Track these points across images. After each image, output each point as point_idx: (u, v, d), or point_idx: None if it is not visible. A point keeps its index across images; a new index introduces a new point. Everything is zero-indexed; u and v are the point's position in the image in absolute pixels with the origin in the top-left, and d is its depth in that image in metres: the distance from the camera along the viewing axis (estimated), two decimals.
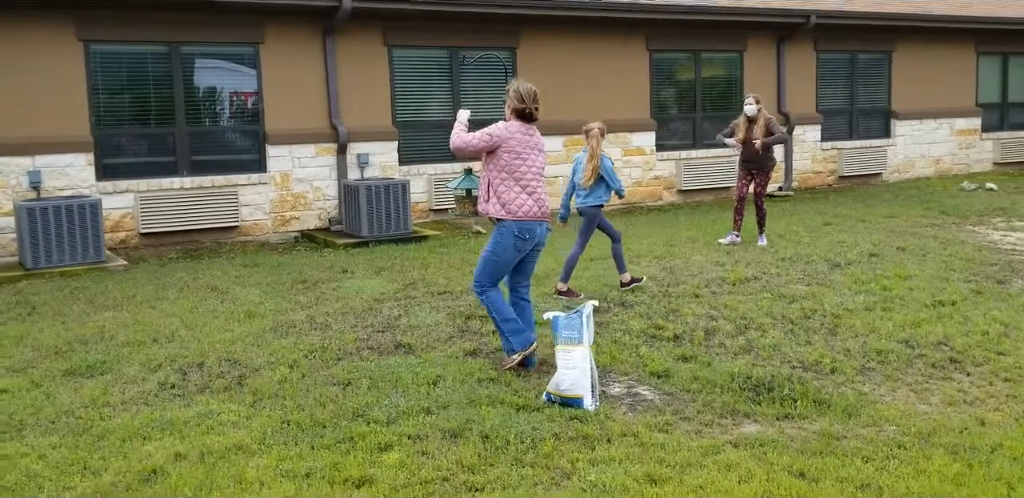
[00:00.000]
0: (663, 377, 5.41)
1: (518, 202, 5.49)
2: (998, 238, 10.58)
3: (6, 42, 9.64)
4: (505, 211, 5.51)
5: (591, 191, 7.81)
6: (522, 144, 5.48)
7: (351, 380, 5.43)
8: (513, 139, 5.47)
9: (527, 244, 5.57)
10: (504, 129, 5.51)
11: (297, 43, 11.06)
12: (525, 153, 5.49)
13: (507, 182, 5.51)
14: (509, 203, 5.49)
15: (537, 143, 5.62)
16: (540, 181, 5.63)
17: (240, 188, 10.75)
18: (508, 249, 5.54)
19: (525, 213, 5.50)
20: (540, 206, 5.58)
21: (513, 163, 5.48)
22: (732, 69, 14.59)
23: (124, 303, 7.65)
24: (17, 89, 9.71)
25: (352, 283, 8.29)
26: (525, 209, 5.51)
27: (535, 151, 5.58)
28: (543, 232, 5.67)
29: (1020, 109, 18.35)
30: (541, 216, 5.60)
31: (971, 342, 6.09)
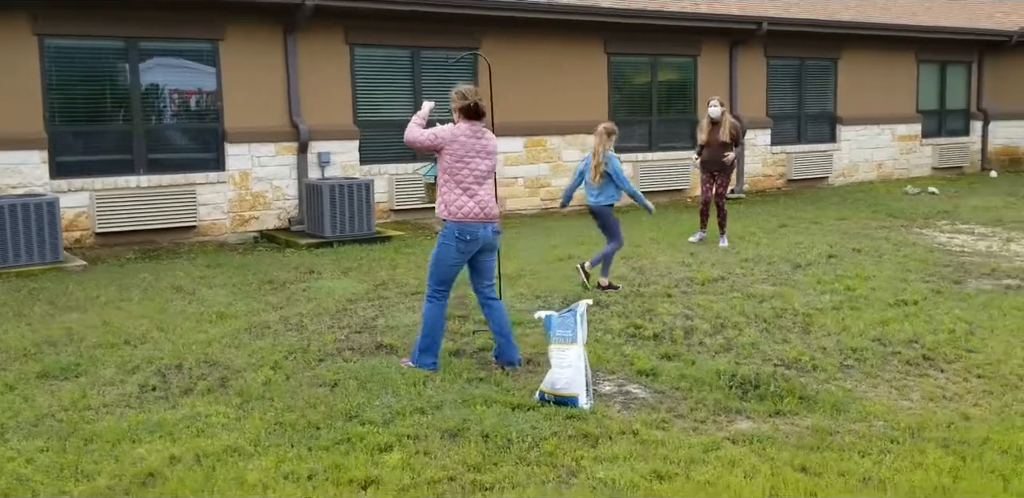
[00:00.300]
0: (651, 375, 5.46)
1: (458, 203, 5.51)
2: (945, 240, 10.91)
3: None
4: (447, 212, 5.55)
5: (601, 190, 7.98)
6: (465, 147, 5.49)
7: (338, 381, 5.37)
8: (456, 143, 5.48)
9: (470, 246, 5.56)
10: (449, 132, 5.52)
11: (258, 40, 10.89)
12: (468, 157, 5.50)
13: (448, 184, 5.54)
14: (450, 204, 5.52)
15: (485, 146, 5.58)
16: (484, 184, 5.59)
17: (198, 187, 10.54)
18: (451, 251, 5.56)
19: (465, 214, 5.51)
20: (482, 208, 5.56)
21: (454, 166, 5.49)
22: (687, 73, 14.80)
23: (88, 304, 7.45)
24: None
25: (321, 284, 8.20)
26: (465, 210, 5.51)
27: (480, 154, 5.56)
28: (487, 234, 5.63)
29: (957, 116, 18.96)
30: (484, 218, 5.57)
31: (940, 340, 6.27)
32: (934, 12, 18.68)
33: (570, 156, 13.53)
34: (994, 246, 10.43)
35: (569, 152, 13.53)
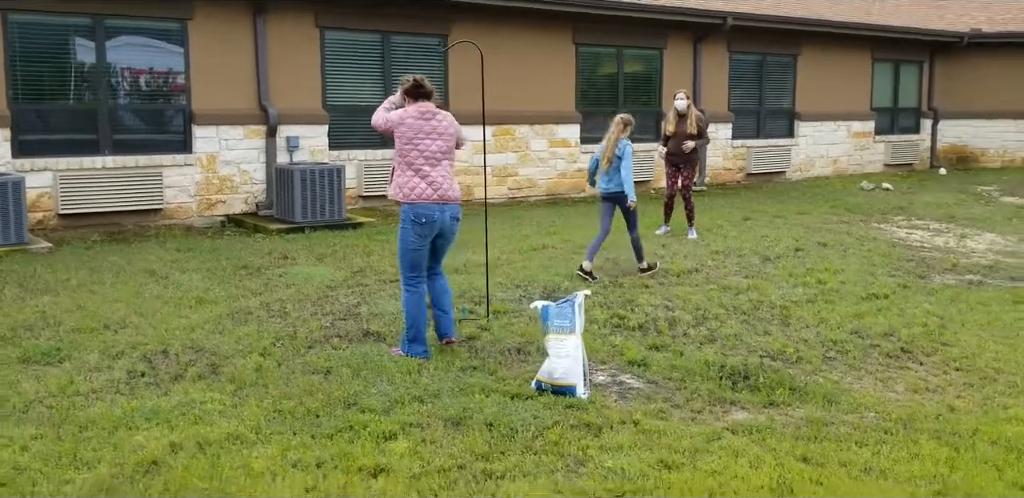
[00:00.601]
0: (642, 366, 5.53)
1: (410, 185, 5.51)
2: (904, 235, 11.19)
3: None
4: (401, 194, 5.55)
5: (611, 177, 8.15)
6: (413, 129, 5.48)
7: (330, 368, 5.33)
8: (403, 125, 5.50)
9: (426, 229, 5.54)
10: (398, 115, 5.56)
11: (227, 21, 10.68)
12: (416, 138, 5.50)
13: (401, 166, 5.55)
14: (403, 186, 5.54)
15: (435, 127, 5.55)
16: (436, 166, 5.56)
17: (165, 169, 10.33)
18: (409, 234, 5.55)
19: (418, 196, 5.51)
20: (436, 190, 5.54)
21: (404, 148, 5.51)
22: (652, 65, 14.90)
23: (59, 287, 7.27)
24: None
25: (298, 270, 8.11)
26: (418, 192, 5.51)
27: (431, 135, 5.53)
28: (443, 218, 5.59)
29: (909, 114, 19.42)
30: (438, 199, 5.55)
31: (915, 333, 6.43)
32: (888, 11, 19.05)
33: (538, 145, 13.56)
34: (951, 242, 10.73)
35: (537, 141, 13.55)
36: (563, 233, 10.46)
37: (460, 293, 7.31)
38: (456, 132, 5.69)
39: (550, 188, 13.82)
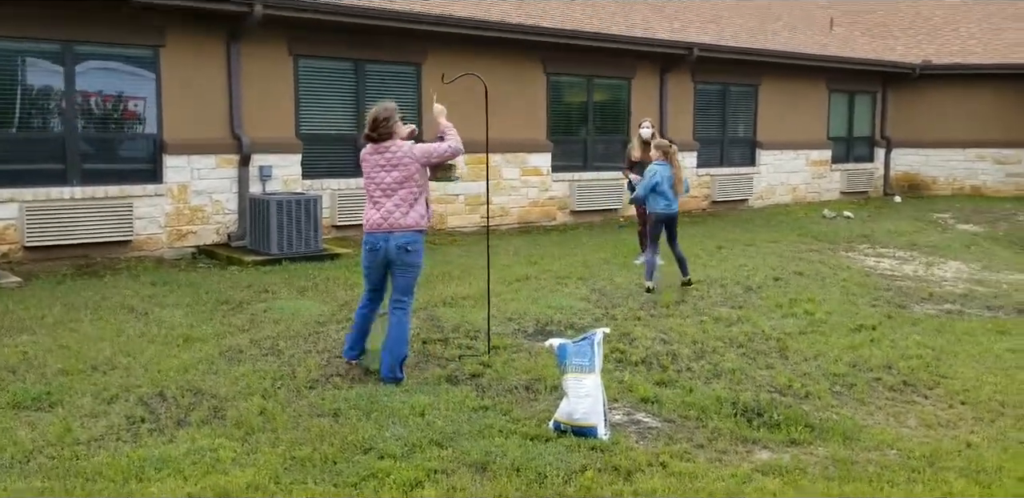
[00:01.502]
0: (654, 403, 5.46)
1: (366, 215, 5.89)
2: (873, 263, 11.36)
3: None
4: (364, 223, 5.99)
5: (676, 198, 9.13)
6: (368, 164, 5.84)
7: (338, 410, 5.17)
8: (364, 162, 5.90)
9: (371, 256, 5.87)
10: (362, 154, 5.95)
11: (200, 48, 10.48)
12: (372, 172, 5.82)
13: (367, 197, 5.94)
14: (364, 215, 5.95)
15: (389, 159, 5.76)
16: (393, 195, 5.77)
17: (135, 200, 10.04)
18: (363, 257, 5.99)
19: (368, 225, 5.87)
20: (385, 219, 5.78)
21: (366, 181, 5.88)
22: (621, 95, 15.01)
23: (35, 325, 6.97)
24: None
25: (282, 304, 7.90)
26: (369, 221, 5.86)
27: (386, 168, 5.78)
28: (388, 246, 5.76)
29: (863, 143, 19.85)
30: (385, 228, 5.77)
31: (913, 366, 6.48)
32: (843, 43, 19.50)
33: (510, 174, 13.52)
34: (919, 270, 10.92)
35: (509, 170, 13.51)
36: (542, 263, 10.41)
37: (454, 327, 7.20)
38: (416, 157, 5.78)
39: (522, 216, 13.77)
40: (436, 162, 5.87)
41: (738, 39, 16.71)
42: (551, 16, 14.01)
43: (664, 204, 9.09)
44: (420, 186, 5.84)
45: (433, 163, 5.87)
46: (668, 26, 16.07)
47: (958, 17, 22.07)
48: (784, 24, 19.66)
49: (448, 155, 5.86)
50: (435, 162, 5.87)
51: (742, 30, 17.80)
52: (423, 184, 5.88)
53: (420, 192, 5.84)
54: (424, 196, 5.90)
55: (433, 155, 5.82)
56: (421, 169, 5.82)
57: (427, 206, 5.93)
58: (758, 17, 19.59)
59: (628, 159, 10.89)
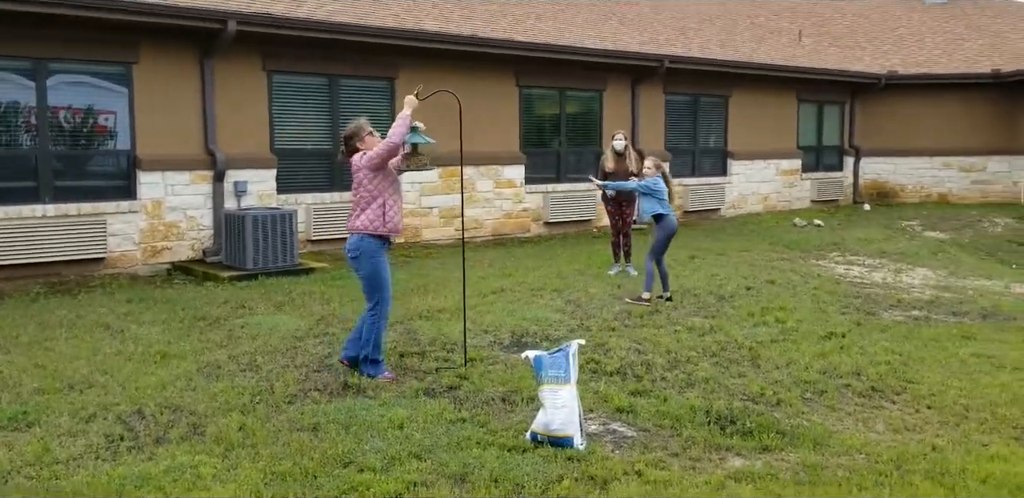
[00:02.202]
0: (629, 413, 5.54)
1: None
2: (843, 271, 11.54)
3: None
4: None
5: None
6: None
7: (317, 425, 5.21)
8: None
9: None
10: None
11: (173, 64, 10.51)
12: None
13: None
14: None
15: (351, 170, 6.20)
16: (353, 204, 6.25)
17: (108, 217, 10.03)
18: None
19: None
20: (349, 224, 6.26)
21: None
22: (593, 107, 15.17)
23: (9, 345, 6.96)
24: None
25: (258, 319, 7.93)
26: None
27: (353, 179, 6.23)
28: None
29: (832, 152, 20.14)
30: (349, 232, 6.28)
31: (881, 372, 6.62)
32: (810, 54, 19.80)
33: (484, 186, 13.62)
34: (888, 278, 11.11)
35: (483, 182, 13.61)
36: (517, 275, 10.49)
37: (431, 340, 7.26)
38: (360, 165, 6.07)
39: (495, 228, 13.86)
40: (379, 162, 6.00)
41: (708, 51, 16.94)
42: (522, 30, 14.15)
43: (674, 217, 9.38)
44: (370, 191, 6.07)
45: (376, 164, 6.00)
46: (638, 38, 16.27)
47: (923, 29, 22.49)
48: (752, 35, 19.95)
49: (383, 151, 5.97)
50: (377, 162, 6.00)
51: (711, 41, 18.05)
52: (374, 189, 6.07)
53: (372, 197, 6.07)
54: (379, 201, 6.07)
55: (374, 158, 6.02)
56: (370, 174, 6.04)
57: (386, 212, 6.07)
58: (726, 29, 19.87)
59: (601, 170, 11.02)
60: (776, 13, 23.36)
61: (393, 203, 6.14)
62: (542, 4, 16.60)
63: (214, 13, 10.19)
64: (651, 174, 9.36)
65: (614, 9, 18.11)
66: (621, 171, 10.79)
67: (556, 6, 16.81)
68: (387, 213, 6.10)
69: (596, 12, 17.37)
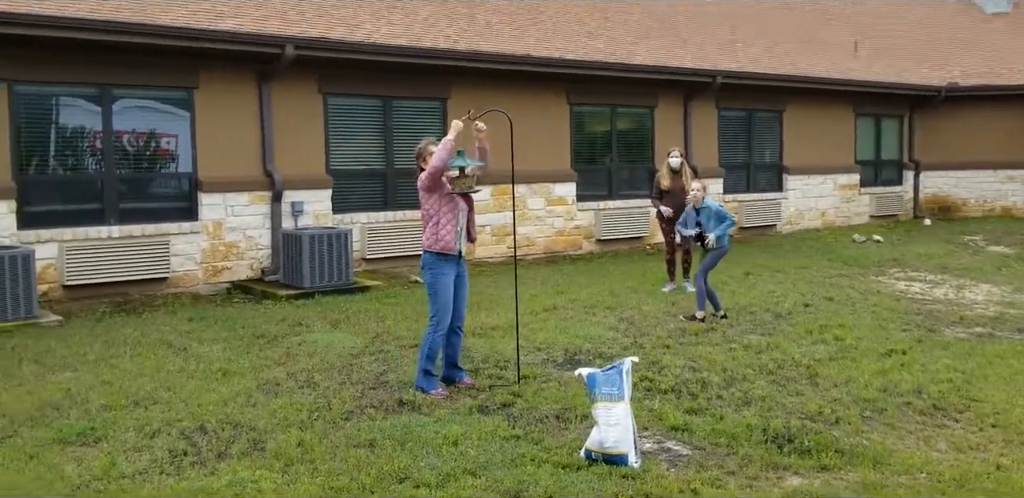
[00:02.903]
0: (684, 431, 5.51)
1: None
2: (903, 288, 11.32)
3: None
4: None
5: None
6: None
7: (373, 441, 5.28)
8: None
9: None
10: None
11: (232, 89, 10.79)
12: None
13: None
14: None
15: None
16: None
17: (171, 237, 10.30)
18: None
19: None
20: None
21: None
22: (644, 123, 15.17)
23: (77, 362, 7.17)
24: None
25: (315, 337, 8.06)
26: None
27: None
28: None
29: (891, 166, 19.83)
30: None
31: (943, 390, 6.48)
32: (866, 67, 19.56)
33: (535, 204, 13.68)
34: (950, 294, 10.87)
35: (534, 200, 13.67)
36: (569, 292, 10.50)
37: (484, 357, 7.31)
38: (418, 186, 6.27)
39: (548, 246, 13.90)
40: (427, 183, 6.19)
41: (760, 65, 16.84)
42: (573, 48, 14.23)
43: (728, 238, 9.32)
44: (427, 210, 6.29)
45: (425, 185, 6.21)
46: (690, 53, 16.24)
47: (983, 39, 22.05)
48: (806, 49, 19.77)
49: (427, 174, 6.16)
50: (427, 184, 6.20)
51: (764, 56, 17.93)
52: (430, 209, 6.27)
53: (429, 216, 6.29)
54: (434, 220, 6.26)
55: (423, 180, 6.22)
56: (424, 194, 6.26)
57: (439, 231, 6.25)
58: (780, 43, 19.71)
59: (656, 188, 10.99)
60: (831, 26, 23.10)
61: (447, 222, 6.23)
62: (594, 21, 16.68)
63: (273, 38, 10.46)
64: (702, 196, 9.34)
65: (665, 25, 18.11)
66: (677, 188, 10.77)
67: (607, 23, 16.87)
68: (439, 231, 6.22)
69: (647, 28, 17.39)
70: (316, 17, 11.92)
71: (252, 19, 11.02)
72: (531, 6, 16.51)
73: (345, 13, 12.56)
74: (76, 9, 9.56)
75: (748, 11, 21.30)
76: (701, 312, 8.90)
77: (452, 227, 6.27)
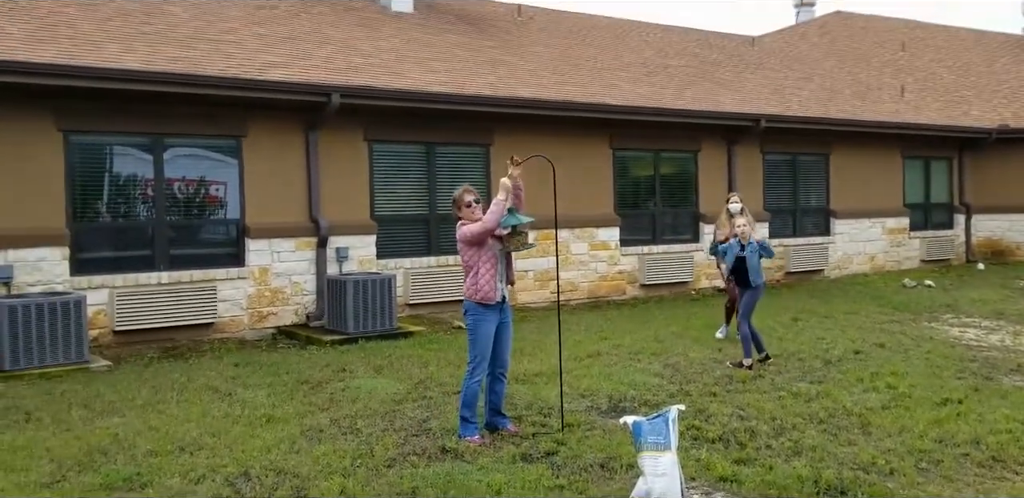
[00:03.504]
0: (733, 482, 5.38)
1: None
2: (958, 334, 11.03)
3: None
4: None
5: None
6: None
7: (415, 489, 5.22)
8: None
9: None
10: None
11: (280, 137, 11.00)
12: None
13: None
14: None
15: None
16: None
17: (218, 283, 10.43)
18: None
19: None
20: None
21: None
22: (688, 167, 15.15)
23: (124, 407, 7.23)
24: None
25: (359, 383, 8.05)
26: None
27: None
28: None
29: (942, 210, 19.51)
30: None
31: (1002, 440, 6.25)
32: (914, 108, 19.40)
33: (578, 249, 13.65)
34: (1007, 340, 10.57)
35: (578, 245, 13.65)
36: (613, 338, 10.40)
37: (527, 404, 7.23)
38: (458, 238, 6.32)
39: (591, 291, 13.83)
40: (472, 240, 6.19)
41: (806, 109, 16.78)
42: (615, 94, 14.32)
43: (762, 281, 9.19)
44: (466, 261, 6.33)
45: (468, 241, 6.22)
46: (733, 98, 16.25)
47: None
48: (853, 92, 19.69)
49: (477, 233, 6.16)
50: (470, 240, 6.20)
51: (810, 99, 17.88)
52: (469, 260, 6.31)
53: (469, 266, 6.31)
54: (474, 270, 6.28)
55: (467, 236, 6.23)
56: (464, 247, 6.29)
57: (478, 281, 6.25)
58: (826, 87, 19.67)
59: (716, 239, 10.70)
60: (877, 70, 23.03)
61: (486, 272, 6.24)
62: (635, 67, 16.80)
63: (319, 87, 10.68)
64: (749, 232, 9.14)
65: (707, 71, 18.17)
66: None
67: (648, 68, 16.98)
68: (479, 281, 6.23)
69: (690, 74, 17.47)
70: (362, 66, 12.17)
71: (299, 68, 11.27)
72: (572, 53, 16.69)
73: (389, 61, 12.80)
74: (131, 60, 9.87)
75: (792, 54, 21.31)
76: (748, 359, 8.75)
77: (492, 276, 6.26)
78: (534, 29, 17.95)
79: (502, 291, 6.37)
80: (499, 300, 6.35)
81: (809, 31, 26.02)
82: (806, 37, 25.34)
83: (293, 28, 13.34)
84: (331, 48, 12.77)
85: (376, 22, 15.18)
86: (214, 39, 11.64)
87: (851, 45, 24.49)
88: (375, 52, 13.13)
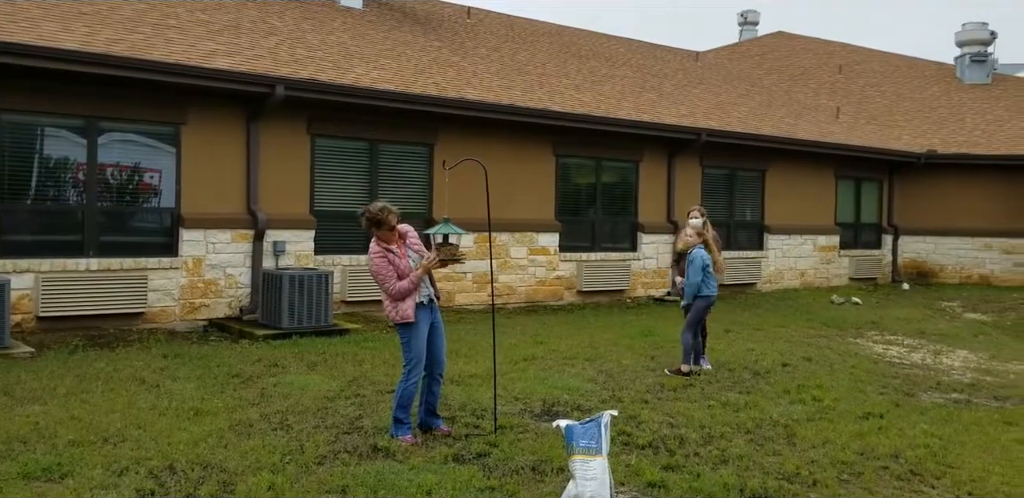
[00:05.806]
0: (661, 488, 5.44)
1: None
2: (881, 351, 11.35)
3: None
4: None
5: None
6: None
7: (345, 487, 5.17)
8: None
9: None
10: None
11: (220, 126, 10.82)
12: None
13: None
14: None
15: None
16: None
17: (150, 272, 10.20)
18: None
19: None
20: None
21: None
22: (628, 177, 15.32)
23: (47, 395, 7.02)
24: None
25: (291, 379, 7.95)
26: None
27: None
28: None
29: (871, 230, 20.07)
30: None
31: (920, 455, 6.44)
32: (848, 130, 19.92)
33: (518, 253, 13.69)
34: (927, 359, 10.90)
35: (517, 249, 13.69)
36: (549, 343, 10.45)
37: (460, 405, 7.22)
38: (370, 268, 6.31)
39: (529, 295, 13.88)
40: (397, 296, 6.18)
41: (746, 125, 17.11)
42: (560, 101, 14.41)
43: (714, 286, 9.24)
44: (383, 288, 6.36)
45: (393, 295, 6.19)
46: (675, 111, 16.49)
47: (962, 109, 22.57)
48: (790, 111, 20.14)
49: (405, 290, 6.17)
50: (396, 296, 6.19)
51: (749, 116, 18.24)
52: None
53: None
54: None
55: (392, 290, 6.18)
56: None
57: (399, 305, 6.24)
58: (764, 103, 20.09)
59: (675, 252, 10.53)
60: (815, 90, 23.61)
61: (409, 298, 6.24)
62: (581, 75, 16.94)
63: (264, 78, 10.53)
64: (694, 242, 9.16)
65: (651, 83, 18.41)
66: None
67: (594, 77, 17.14)
68: (400, 306, 6.21)
69: (634, 85, 17.68)
70: (308, 59, 12.04)
71: (243, 58, 11.11)
72: (519, 58, 16.76)
73: (336, 56, 12.70)
74: (68, 40, 9.60)
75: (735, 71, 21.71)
76: (687, 366, 8.88)
77: (412, 300, 6.24)
78: (483, 32, 17.98)
79: (428, 293, 6.33)
80: (426, 301, 6.32)
81: (752, 49, 26.59)
82: (748, 55, 25.89)
83: (237, 16, 13.14)
84: (277, 39, 12.61)
85: (324, 15, 15.04)
86: (156, 23, 11.40)
87: (791, 65, 25.09)
88: (321, 46, 13.00)
